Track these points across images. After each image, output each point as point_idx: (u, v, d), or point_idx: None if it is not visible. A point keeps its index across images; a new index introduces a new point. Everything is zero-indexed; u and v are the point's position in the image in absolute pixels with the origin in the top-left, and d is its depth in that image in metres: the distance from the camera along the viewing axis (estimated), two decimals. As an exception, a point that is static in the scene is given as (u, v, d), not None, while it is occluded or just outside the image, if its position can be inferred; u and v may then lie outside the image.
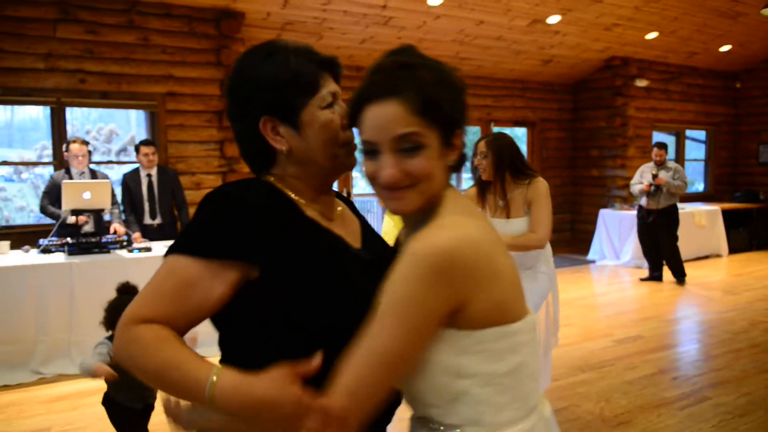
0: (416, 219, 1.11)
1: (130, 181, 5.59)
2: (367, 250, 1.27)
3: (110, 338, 2.85)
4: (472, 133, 12.92)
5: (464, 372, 1.03)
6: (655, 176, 7.28)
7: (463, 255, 0.97)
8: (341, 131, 1.18)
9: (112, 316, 2.82)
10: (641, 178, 7.49)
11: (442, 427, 1.08)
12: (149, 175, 5.61)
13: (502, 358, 1.05)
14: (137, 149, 5.59)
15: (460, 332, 1.02)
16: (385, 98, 1.03)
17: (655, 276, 7.67)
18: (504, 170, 3.39)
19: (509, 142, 3.45)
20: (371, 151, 1.07)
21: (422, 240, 0.98)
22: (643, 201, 7.45)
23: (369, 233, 1.36)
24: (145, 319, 1.04)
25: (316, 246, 1.14)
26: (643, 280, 7.68)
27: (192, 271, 1.06)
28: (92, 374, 2.66)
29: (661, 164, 7.39)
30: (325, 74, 1.20)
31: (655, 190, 7.29)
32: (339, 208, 1.32)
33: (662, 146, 7.44)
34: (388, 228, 5.60)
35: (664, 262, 7.60)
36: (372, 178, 1.09)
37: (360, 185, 10.22)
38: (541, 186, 3.33)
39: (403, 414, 1.21)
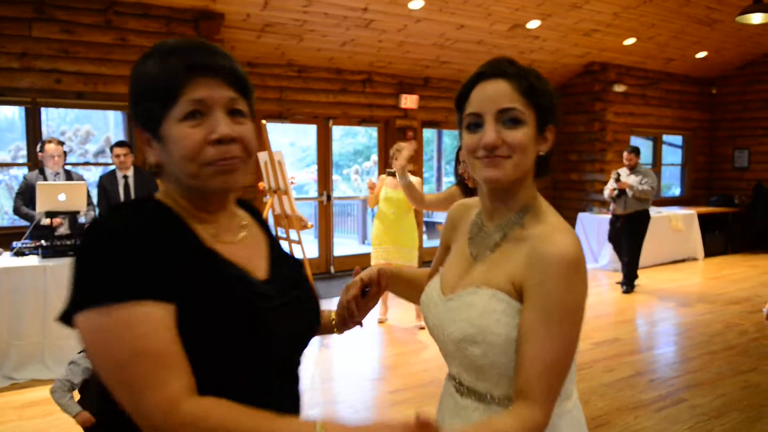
0: (505, 213, 1.23)
1: (107, 183, 5.52)
2: (273, 277, 1.13)
3: (81, 351, 2.83)
4: (453, 137, 12.94)
5: None
6: (617, 180, 7.22)
7: (582, 254, 1.14)
8: (205, 147, 1.00)
9: None
10: (613, 182, 7.45)
11: (503, 401, 1.19)
12: (126, 177, 5.54)
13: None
14: (112, 150, 5.54)
15: None
16: (495, 77, 1.19)
17: (628, 289, 7.49)
18: None
19: None
20: (475, 124, 1.19)
21: (561, 244, 1.12)
22: (612, 206, 7.42)
23: (277, 253, 1.20)
24: (185, 394, 0.90)
25: (211, 279, 1.01)
26: (619, 283, 7.61)
27: (148, 313, 0.91)
28: (74, 418, 2.72)
29: (632, 168, 7.30)
30: (194, 80, 1.00)
31: (619, 194, 7.20)
32: (242, 231, 1.16)
33: (633, 151, 7.36)
34: (378, 231, 5.58)
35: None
36: (472, 150, 1.19)
37: (340, 188, 10.19)
38: None
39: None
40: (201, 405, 0.90)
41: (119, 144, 5.55)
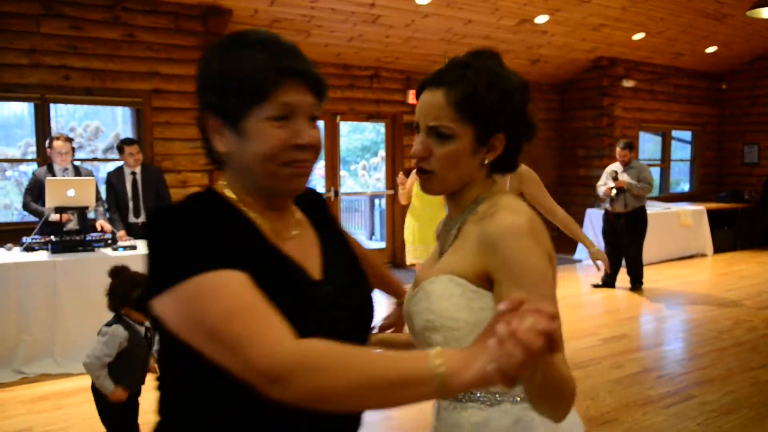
0: (461, 209, 1.26)
1: (115, 180, 5.53)
2: (326, 278, 1.13)
3: (111, 323, 2.84)
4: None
5: None
6: (615, 178, 6.98)
7: (537, 224, 1.15)
8: (287, 149, 1.03)
9: (113, 299, 2.82)
10: (606, 179, 7.16)
11: (498, 395, 1.20)
12: (134, 173, 5.55)
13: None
14: (121, 149, 5.52)
15: None
16: (435, 87, 1.20)
17: (608, 282, 7.20)
18: None
19: None
20: (417, 129, 1.23)
21: (504, 219, 1.13)
22: (608, 204, 7.12)
23: (331, 252, 1.19)
24: (287, 337, 0.89)
25: (271, 271, 1.02)
26: (595, 286, 7.24)
27: (230, 278, 0.93)
28: (107, 394, 2.74)
29: (626, 164, 7.08)
30: (287, 83, 1.02)
31: (617, 192, 6.97)
32: (296, 229, 1.16)
33: (627, 146, 7.11)
34: (412, 229, 5.35)
35: (625, 268, 7.21)
36: (412, 155, 1.23)
37: (348, 184, 10.19)
38: (530, 174, 3.31)
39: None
40: (304, 344, 0.89)
41: (130, 142, 5.55)
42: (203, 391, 1.01)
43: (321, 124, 8.46)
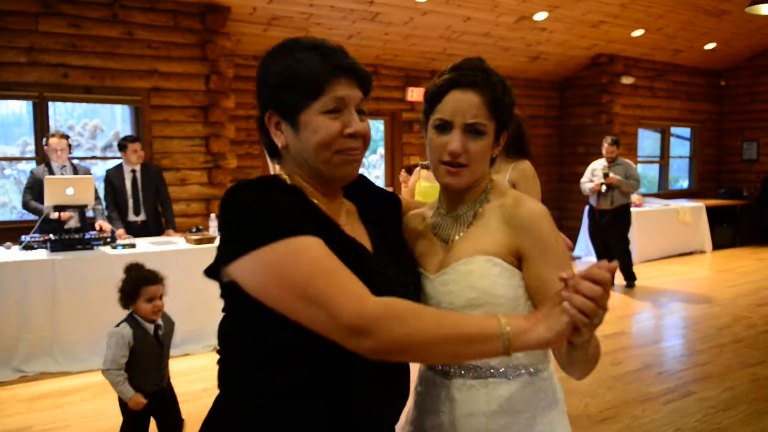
0: (470, 199, 1.37)
1: (114, 178, 5.52)
2: (378, 253, 1.26)
3: (119, 324, 2.82)
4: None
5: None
6: (606, 175, 6.86)
7: None
8: (339, 138, 1.16)
9: (127, 293, 2.82)
10: (592, 176, 7.08)
11: (520, 368, 1.30)
12: (133, 171, 5.55)
13: None
14: (123, 147, 5.50)
15: None
16: (467, 88, 1.30)
17: None
18: (511, 148, 3.34)
19: (518, 122, 3.41)
20: (443, 127, 1.31)
21: (532, 204, 1.30)
22: (593, 200, 7.06)
23: (380, 236, 1.32)
24: (369, 294, 1.02)
25: (339, 243, 1.12)
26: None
27: (310, 242, 1.05)
28: (127, 401, 2.73)
29: (612, 161, 7.00)
30: (337, 79, 1.16)
31: (606, 189, 6.89)
32: (346, 215, 1.30)
33: (615, 142, 7.03)
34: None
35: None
36: (438, 152, 1.31)
37: (371, 177, 10.21)
38: (527, 168, 3.31)
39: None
40: (386, 300, 1.02)
41: (132, 139, 5.54)
42: (269, 358, 1.11)
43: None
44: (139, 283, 2.80)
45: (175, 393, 2.99)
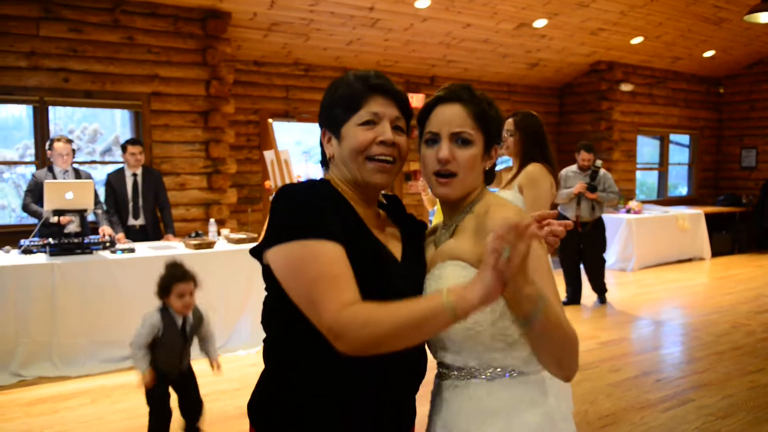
0: (459, 211, 1.43)
1: (115, 181, 5.53)
2: (406, 260, 1.41)
3: (158, 310, 3.11)
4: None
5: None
6: (593, 187, 6.33)
7: (523, 213, 1.35)
8: (372, 145, 1.34)
9: (161, 287, 3.12)
10: (565, 184, 6.55)
11: (498, 369, 1.34)
12: (134, 175, 5.55)
13: None
14: (124, 148, 5.52)
15: None
16: (452, 102, 1.40)
17: (575, 299, 6.67)
18: (528, 151, 3.36)
19: (537, 124, 3.42)
20: (433, 140, 1.40)
21: (500, 212, 1.32)
22: (570, 212, 6.44)
23: (409, 245, 1.47)
24: (350, 303, 1.16)
25: (367, 247, 1.32)
26: (565, 304, 6.48)
27: (328, 248, 1.21)
28: (141, 376, 3.01)
29: (586, 170, 6.53)
30: (373, 97, 1.35)
31: (580, 199, 6.38)
32: (379, 221, 1.46)
33: (591, 149, 6.61)
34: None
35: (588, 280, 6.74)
36: (429, 163, 1.40)
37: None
38: (532, 171, 3.32)
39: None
40: (358, 307, 1.16)
41: (133, 142, 5.55)
42: (302, 338, 1.26)
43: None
44: (171, 279, 3.10)
45: (196, 377, 3.29)
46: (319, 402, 1.29)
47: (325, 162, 1.48)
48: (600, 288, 6.74)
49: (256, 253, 1.34)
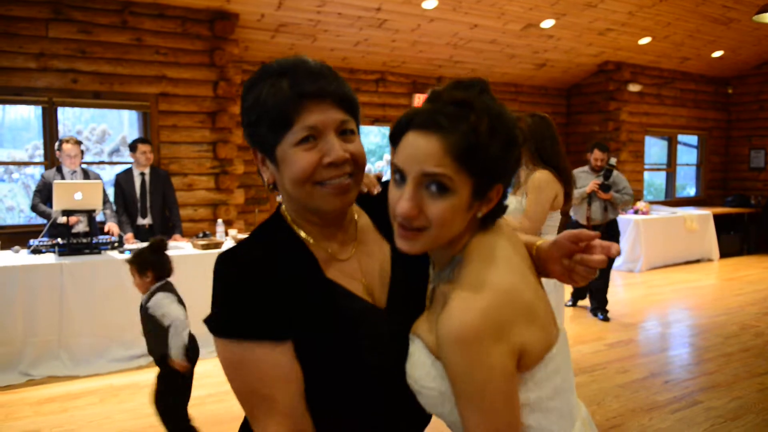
0: (442, 262, 1.10)
1: (123, 181, 5.55)
2: (390, 302, 1.16)
3: (157, 290, 3.13)
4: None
5: None
6: (607, 186, 5.81)
7: (500, 313, 0.96)
8: (319, 169, 1.04)
9: (138, 260, 3.14)
10: (576, 185, 5.78)
11: None
12: (143, 174, 5.58)
13: (546, 383, 1.05)
14: (133, 147, 5.54)
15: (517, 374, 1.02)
16: (427, 130, 0.98)
17: (581, 294, 6.45)
18: (531, 158, 3.34)
19: (546, 127, 3.40)
20: (400, 177, 1.01)
21: (456, 317, 0.95)
22: (580, 215, 5.95)
23: (400, 266, 1.19)
24: None
25: (328, 314, 1.09)
26: (571, 306, 6.38)
27: (264, 355, 1.03)
28: (176, 360, 2.98)
29: (599, 170, 6.07)
30: (307, 106, 1.03)
31: (591, 199, 5.89)
32: (352, 250, 1.17)
33: (605, 148, 6.16)
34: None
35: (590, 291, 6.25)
36: (391, 206, 1.03)
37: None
38: (536, 179, 3.31)
39: None
40: None
41: (143, 141, 5.58)
42: None
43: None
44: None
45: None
46: None
47: (269, 187, 1.17)
48: (602, 303, 6.10)
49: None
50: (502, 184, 1.04)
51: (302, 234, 1.13)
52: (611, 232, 5.98)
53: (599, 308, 6.09)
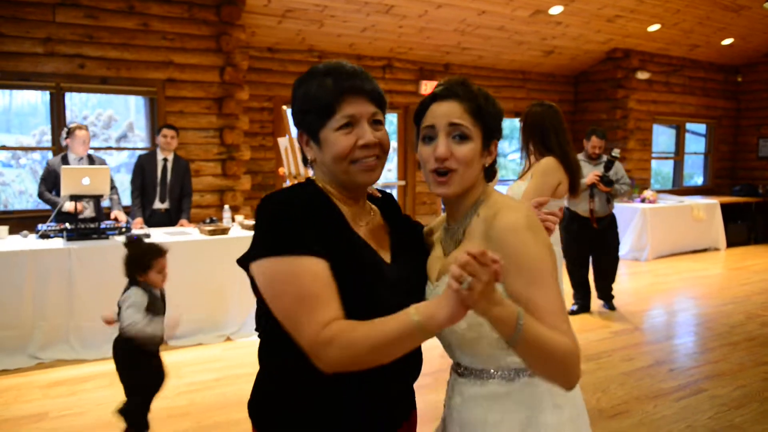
0: (463, 212, 1.40)
1: (146, 163, 5.59)
2: (395, 261, 1.40)
3: (136, 288, 3.10)
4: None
5: None
6: (609, 181, 5.56)
7: (532, 214, 1.32)
8: (354, 150, 1.32)
9: (139, 265, 3.11)
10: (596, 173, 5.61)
11: (516, 370, 1.35)
12: (165, 159, 5.62)
13: None
14: (159, 131, 5.65)
15: None
16: (447, 98, 1.36)
17: (585, 306, 5.90)
18: (528, 141, 3.36)
19: (554, 115, 3.39)
20: (429, 136, 1.36)
21: (507, 216, 1.28)
22: (582, 207, 5.65)
23: (400, 243, 1.46)
24: (327, 323, 1.18)
25: (351, 253, 1.30)
26: (573, 313, 5.81)
27: (308, 265, 1.21)
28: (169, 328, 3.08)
29: (597, 157, 5.89)
30: (347, 99, 1.32)
31: (593, 191, 5.60)
32: (370, 217, 1.45)
33: (603, 135, 5.92)
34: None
35: (594, 283, 5.99)
36: (426, 160, 1.36)
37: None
38: (541, 164, 3.30)
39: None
40: (335, 328, 1.18)
41: (168, 126, 5.64)
42: (293, 340, 1.24)
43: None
44: (151, 256, 3.10)
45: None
46: (316, 399, 1.30)
47: (307, 161, 1.45)
48: (609, 293, 5.98)
49: (242, 263, 1.33)
50: (497, 141, 1.41)
51: (331, 196, 1.37)
52: (612, 222, 5.85)
53: (609, 297, 5.98)
